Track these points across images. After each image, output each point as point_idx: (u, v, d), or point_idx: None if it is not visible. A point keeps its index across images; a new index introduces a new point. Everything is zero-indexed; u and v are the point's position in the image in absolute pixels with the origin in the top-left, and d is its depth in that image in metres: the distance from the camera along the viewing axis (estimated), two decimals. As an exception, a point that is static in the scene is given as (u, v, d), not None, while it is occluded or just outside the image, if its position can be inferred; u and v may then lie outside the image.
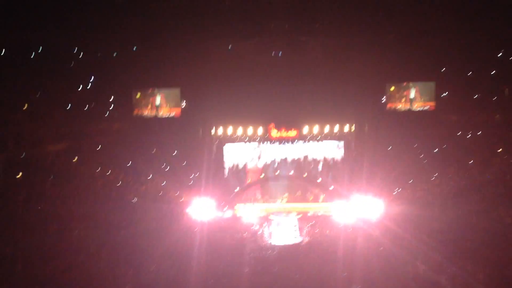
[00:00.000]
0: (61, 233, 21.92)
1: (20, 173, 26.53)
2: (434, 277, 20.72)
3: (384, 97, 38.44)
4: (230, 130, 34.43)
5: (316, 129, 34.02)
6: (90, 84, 36.32)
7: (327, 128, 34.15)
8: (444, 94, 38.36)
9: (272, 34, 35.92)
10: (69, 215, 23.93)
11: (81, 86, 35.65)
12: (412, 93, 38.23)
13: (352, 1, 30.73)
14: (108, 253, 21.45)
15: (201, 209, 30.40)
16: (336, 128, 34.23)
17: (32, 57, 32.26)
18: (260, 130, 34.18)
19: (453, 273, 19.52)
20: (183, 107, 38.88)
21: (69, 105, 35.59)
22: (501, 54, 35.15)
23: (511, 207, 22.83)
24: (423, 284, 20.94)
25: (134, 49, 35.51)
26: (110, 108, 38.90)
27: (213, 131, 34.79)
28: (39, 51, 32.59)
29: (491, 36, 33.58)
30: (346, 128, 34.28)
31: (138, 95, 38.39)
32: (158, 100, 38.69)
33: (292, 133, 34.30)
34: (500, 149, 30.95)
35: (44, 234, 21.36)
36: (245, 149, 36.09)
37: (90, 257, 20.54)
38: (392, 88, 38.40)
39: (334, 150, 35.95)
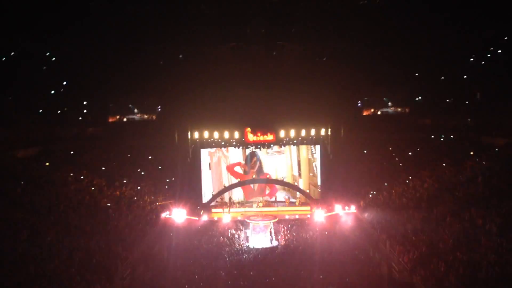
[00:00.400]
0: (33, 239, 21.43)
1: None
2: (407, 278, 20.98)
3: (360, 101, 38.92)
4: (206, 134, 34.27)
5: (292, 133, 34.12)
6: (63, 88, 35.88)
7: (303, 132, 34.26)
8: (418, 98, 39.03)
9: (249, 38, 36.04)
10: (41, 221, 23.43)
11: (53, 90, 35.19)
12: (387, 97, 38.77)
13: (328, 8, 31.01)
14: (81, 259, 21.08)
15: (177, 214, 30.16)
16: (312, 132, 34.39)
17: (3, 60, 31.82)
18: (236, 134, 34.12)
19: (426, 274, 19.76)
20: (158, 111, 38.70)
21: (40, 110, 35.11)
22: (472, 59, 35.96)
23: (483, 208, 23.20)
24: (396, 285, 21.19)
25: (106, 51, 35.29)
26: (84, 112, 38.52)
27: (189, 136, 34.61)
28: (10, 55, 32.17)
29: (463, 41, 34.33)
30: (322, 132, 34.47)
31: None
32: (132, 104, 38.46)
33: (269, 137, 34.32)
34: (472, 152, 31.49)
35: (15, 241, 20.87)
36: (221, 153, 36.02)
37: (62, 263, 20.15)
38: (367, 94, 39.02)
39: (310, 153, 36.13)
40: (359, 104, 39.19)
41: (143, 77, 37.22)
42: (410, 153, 35.46)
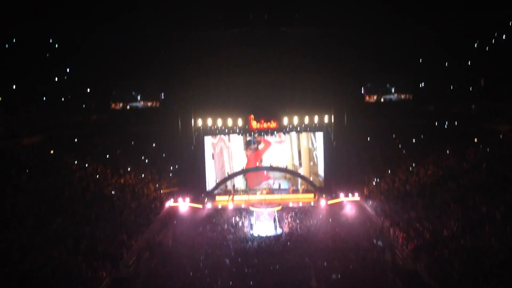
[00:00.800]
0: (38, 227, 21.59)
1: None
2: (411, 265, 21.07)
3: (363, 88, 38.75)
4: (209, 121, 34.17)
5: (295, 120, 33.99)
6: (66, 75, 35.84)
7: (306, 119, 34.12)
8: (422, 85, 38.84)
9: (252, 24, 35.84)
10: (46, 209, 23.58)
11: (57, 77, 35.14)
12: (390, 84, 38.59)
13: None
14: (87, 247, 21.23)
15: (181, 202, 30.30)
16: (316, 119, 34.23)
17: (6, 47, 31.76)
18: (240, 122, 34.03)
19: (430, 261, 19.84)
20: (162, 98, 38.62)
21: (45, 97, 35.12)
22: (476, 44, 35.72)
23: (487, 195, 23.23)
24: (400, 272, 21.28)
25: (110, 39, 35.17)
26: (87, 100, 38.51)
27: (192, 123, 34.54)
28: (14, 42, 32.10)
29: (467, 27, 34.07)
30: (326, 119, 34.34)
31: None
32: (136, 91, 38.40)
33: (272, 124, 34.22)
34: (476, 139, 31.43)
35: (21, 228, 21.03)
36: (225, 140, 35.97)
37: (68, 251, 20.31)
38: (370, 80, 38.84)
39: (310, 142, 36.04)
40: (362, 91, 39.00)
41: (146, 64, 37.16)
42: (413, 140, 35.38)
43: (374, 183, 31.72)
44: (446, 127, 36.44)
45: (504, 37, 34.17)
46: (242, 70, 37.73)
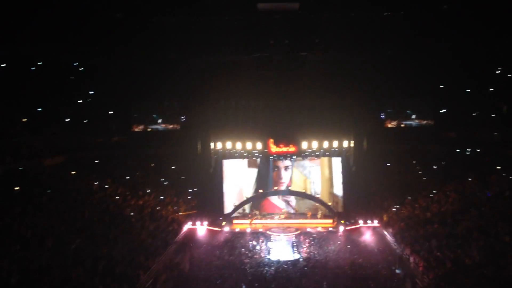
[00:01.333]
0: (58, 247, 21.78)
1: (17, 186, 26.51)
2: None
3: (383, 113, 38.60)
4: (228, 145, 34.37)
5: (314, 144, 33.99)
6: (89, 97, 36.49)
7: (325, 144, 34.08)
8: (443, 111, 38.53)
9: (272, 49, 36.16)
10: (65, 229, 23.81)
11: (80, 100, 35.83)
12: (411, 109, 38.40)
13: (352, 18, 30.96)
14: (105, 268, 21.30)
15: (199, 224, 30.31)
16: (335, 144, 34.17)
17: (32, 70, 32.53)
18: (259, 145, 34.15)
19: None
20: (182, 121, 39.02)
21: (67, 119, 35.77)
22: (499, 71, 35.40)
23: (510, 224, 22.75)
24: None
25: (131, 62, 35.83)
26: (109, 122, 39.09)
27: (211, 146, 34.79)
28: (39, 65, 32.87)
29: (489, 53, 33.84)
30: (345, 144, 34.25)
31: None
32: (156, 114, 38.91)
33: (291, 148, 34.25)
34: (498, 166, 30.92)
35: (41, 248, 21.24)
36: (244, 164, 36.05)
37: (86, 272, 20.39)
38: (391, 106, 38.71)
39: (332, 165, 35.90)
40: (382, 116, 38.84)
41: (167, 87, 37.68)
42: (434, 167, 34.95)
43: (393, 210, 31.32)
44: (468, 154, 35.95)
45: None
46: (262, 94, 38.03)
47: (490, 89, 35.97)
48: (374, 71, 36.34)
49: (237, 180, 36.00)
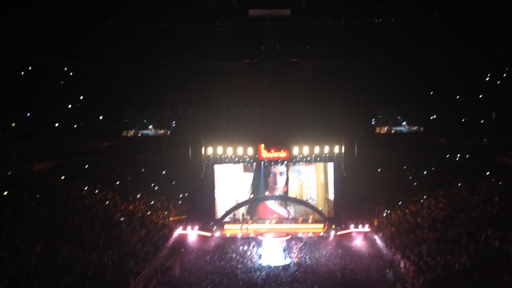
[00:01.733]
0: (47, 252, 21.56)
1: (5, 192, 26.26)
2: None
3: (373, 119, 38.74)
4: (219, 150, 34.41)
5: (306, 150, 34.14)
6: (79, 103, 36.32)
7: (316, 149, 34.25)
8: (433, 117, 38.78)
9: (263, 55, 36.21)
10: (55, 235, 23.58)
11: (69, 105, 35.66)
12: (401, 116, 38.55)
13: (343, 25, 31.05)
14: (94, 274, 21.11)
15: (189, 230, 30.19)
16: (326, 149, 34.37)
17: (21, 75, 32.34)
18: (250, 151, 34.18)
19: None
20: (172, 126, 38.87)
21: (57, 124, 35.55)
22: (488, 77, 35.75)
23: (499, 229, 22.87)
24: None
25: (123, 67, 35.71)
26: (99, 127, 38.89)
27: (202, 151, 34.75)
28: (29, 70, 32.70)
29: (478, 61, 34.19)
30: (336, 150, 34.42)
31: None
32: (147, 119, 38.71)
33: (282, 153, 34.35)
34: (488, 172, 31.16)
35: (30, 254, 21.02)
36: (239, 168, 36.02)
37: (75, 278, 20.19)
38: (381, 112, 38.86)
39: (327, 171, 35.97)
40: (373, 122, 38.99)
41: (158, 93, 37.57)
42: (424, 172, 35.16)
43: (384, 215, 31.42)
44: (457, 160, 36.21)
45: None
46: (253, 100, 38.09)
47: (480, 96, 36.34)
48: (365, 78, 36.53)
49: (232, 185, 35.92)
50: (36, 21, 28.91)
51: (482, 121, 37.23)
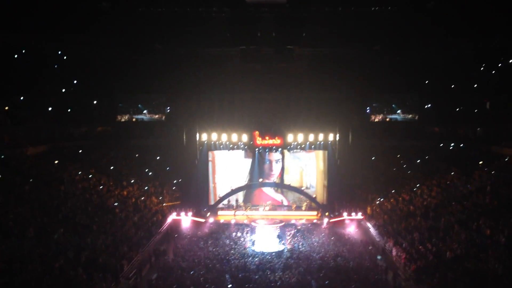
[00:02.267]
0: (40, 237, 21.54)
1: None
2: (413, 286, 20.82)
3: (368, 107, 38.81)
4: (214, 136, 34.37)
5: (300, 137, 34.15)
6: (72, 87, 36.06)
7: (311, 137, 34.27)
8: (427, 106, 38.88)
9: (259, 42, 36.03)
10: (48, 219, 23.55)
11: (63, 89, 35.41)
12: (396, 104, 38.64)
13: (339, 13, 30.90)
14: (88, 258, 21.14)
15: (183, 215, 30.26)
16: (320, 137, 34.39)
17: (14, 59, 32.01)
18: (245, 137, 34.16)
19: (432, 284, 19.62)
20: (167, 112, 38.78)
21: (50, 108, 35.32)
22: (483, 67, 35.78)
23: (491, 218, 23.05)
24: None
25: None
26: (93, 111, 38.72)
27: (197, 137, 34.70)
28: (22, 54, 32.37)
29: (473, 50, 34.18)
30: (330, 137, 34.45)
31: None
32: (142, 104, 38.61)
33: (276, 141, 34.36)
34: (481, 161, 31.32)
35: (23, 238, 20.99)
36: (229, 155, 35.99)
37: (68, 262, 20.21)
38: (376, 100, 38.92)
39: (317, 158, 36.07)
40: (368, 110, 39.06)
41: (152, 78, 37.40)
42: (418, 161, 35.31)
43: (377, 203, 31.60)
44: (451, 149, 36.38)
45: (510, 61, 34.21)
46: (248, 87, 38.01)
47: (474, 86, 36.40)
48: (360, 66, 36.50)
49: (230, 171, 36.01)
50: (30, 4, 28.59)
51: (476, 111, 37.35)
